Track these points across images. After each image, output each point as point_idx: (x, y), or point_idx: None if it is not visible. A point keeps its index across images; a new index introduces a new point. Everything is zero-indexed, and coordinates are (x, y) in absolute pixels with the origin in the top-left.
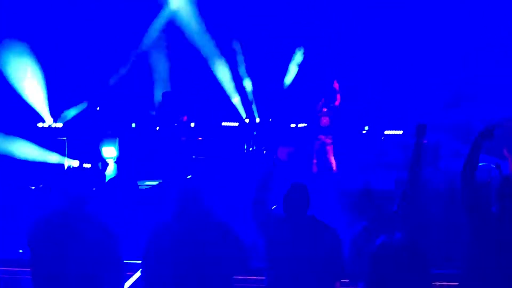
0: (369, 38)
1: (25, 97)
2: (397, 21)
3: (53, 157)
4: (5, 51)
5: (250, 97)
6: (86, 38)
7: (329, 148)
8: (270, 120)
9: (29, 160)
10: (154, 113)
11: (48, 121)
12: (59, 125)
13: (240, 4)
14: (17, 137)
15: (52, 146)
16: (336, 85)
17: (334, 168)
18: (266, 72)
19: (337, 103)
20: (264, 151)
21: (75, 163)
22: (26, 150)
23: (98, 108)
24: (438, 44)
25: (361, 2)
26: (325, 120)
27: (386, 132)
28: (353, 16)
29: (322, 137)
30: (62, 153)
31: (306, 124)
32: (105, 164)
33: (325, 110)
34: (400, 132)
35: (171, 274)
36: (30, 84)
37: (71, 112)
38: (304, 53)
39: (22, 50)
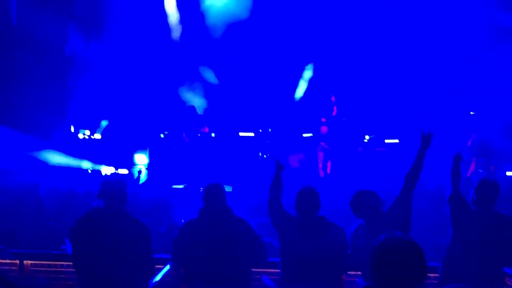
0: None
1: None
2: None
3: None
4: None
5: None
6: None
7: (327, 154)
8: (269, 130)
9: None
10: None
11: (87, 132)
12: (98, 136)
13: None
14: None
15: (90, 155)
16: (333, 98)
17: (329, 171)
18: (278, 86)
19: (334, 113)
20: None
21: (111, 170)
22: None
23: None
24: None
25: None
26: (324, 129)
27: (386, 141)
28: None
29: (323, 143)
30: (100, 161)
31: (311, 134)
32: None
33: (324, 120)
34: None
35: (198, 267)
36: None
37: (104, 123)
38: (313, 69)
39: None
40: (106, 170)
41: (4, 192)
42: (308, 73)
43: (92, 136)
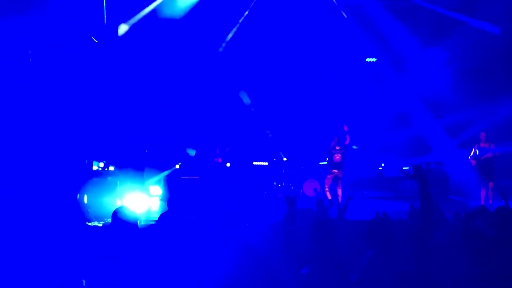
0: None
1: None
2: None
3: None
4: None
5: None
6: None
7: (339, 181)
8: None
9: None
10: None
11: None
12: (111, 168)
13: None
14: None
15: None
16: (345, 128)
17: (340, 198)
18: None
19: (347, 142)
20: (292, 187)
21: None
22: None
23: (146, 151)
24: None
25: None
26: (338, 157)
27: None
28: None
29: (335, 171)
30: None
31: (326, 162)
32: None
33: (338, 148)
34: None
35: None
36: None
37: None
38: None
39: None
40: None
41: None
42: None
43: (106, 169)
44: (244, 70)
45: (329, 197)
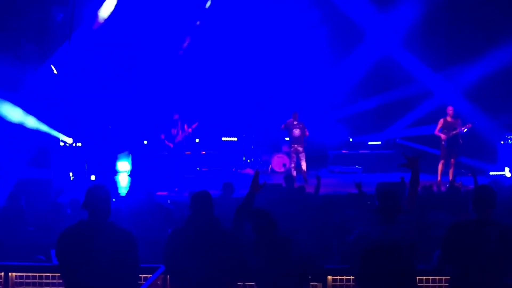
0: None
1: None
2: None
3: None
4: None
5: None
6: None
7: (302, 155)
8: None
9: None
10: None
11: (68, 140)
12: (79, 144)
13: None
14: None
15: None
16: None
17: (304, 170)
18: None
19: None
20: (261, 162)
21: (92, 177)
22: None
23: (110, 127)
24: None
25: None
26: (297, 132)
27: (370, 143)
28: None
29: (295, 145)
30: (83, 170)
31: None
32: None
33: (296, 123)
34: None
35: (184, 276)
36: None
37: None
38: None
39: None
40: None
41: None
42: None
43: (73, 144)
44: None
45: (294, 173)
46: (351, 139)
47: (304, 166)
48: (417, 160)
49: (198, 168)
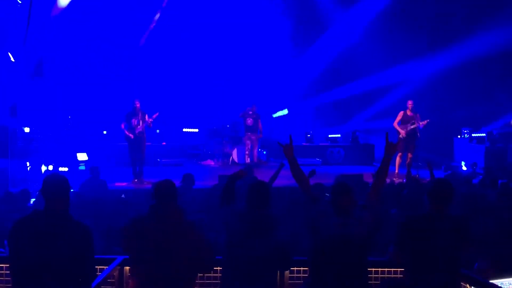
0: None
1: None
2: None
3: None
4: None
5: None
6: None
7: (255, 143)
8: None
9: None
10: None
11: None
12: (26, 129)
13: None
14: None
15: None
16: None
17: (256, 158)
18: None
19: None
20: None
21: (50, 167)
22: None
23: (69, 117)
24: None
25: None
26: (249, 121)
27: (330, 135)
28: None
29: (249, 134)
30: (35, 158)
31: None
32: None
33: (251, 113)
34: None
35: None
36: None
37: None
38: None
39: None
40: (46, 167)
41: None
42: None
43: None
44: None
45: (248, 160)
46: (309, 135)
47: (255, 152)
48: (395, 146)
49: (158, 160)
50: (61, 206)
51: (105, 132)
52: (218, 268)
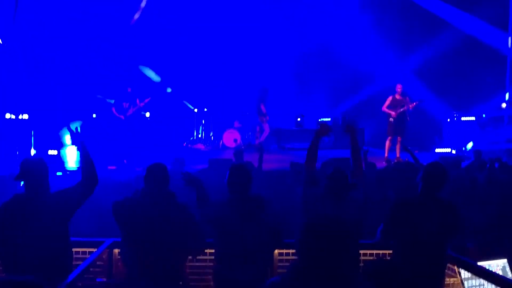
0: None
1: None
2: None
3: None
4: None
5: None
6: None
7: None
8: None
9: None
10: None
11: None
12: (25, 116)
13: None
14: None
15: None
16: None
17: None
18: None
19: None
20: (212, 137)
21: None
22: None
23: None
24: None
25: None
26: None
27: (320, 119)
28: None
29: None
30: (29, 143)
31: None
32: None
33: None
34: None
35: (136, 248)
36: None
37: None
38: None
39: None
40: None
41: None
42: None
43: (19, 117)
44: (165, 15)
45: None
46: (299, 119)
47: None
48: (353, 127)
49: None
50: (40, 189)
51: (94, 116)
52: (209, 251)
